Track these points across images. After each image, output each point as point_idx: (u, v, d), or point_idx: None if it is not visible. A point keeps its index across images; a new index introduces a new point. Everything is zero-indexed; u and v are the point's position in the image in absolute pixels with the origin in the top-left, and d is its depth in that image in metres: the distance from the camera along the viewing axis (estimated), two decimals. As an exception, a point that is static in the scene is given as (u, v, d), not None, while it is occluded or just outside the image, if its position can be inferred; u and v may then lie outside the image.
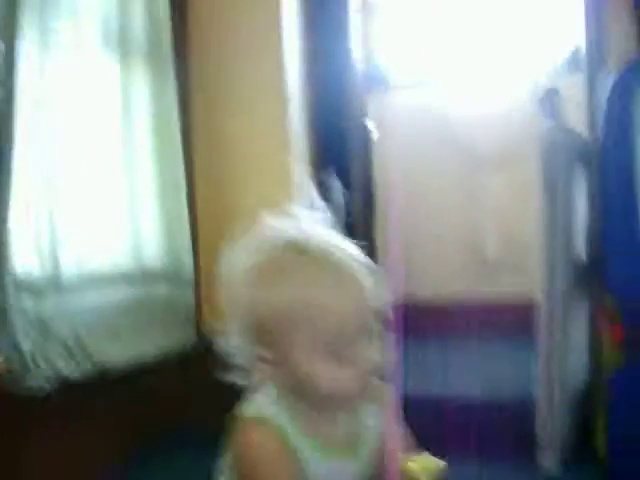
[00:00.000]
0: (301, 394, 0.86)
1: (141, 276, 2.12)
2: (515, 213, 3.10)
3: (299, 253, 0.81)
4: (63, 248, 1.83)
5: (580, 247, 2.10)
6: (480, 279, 3.23)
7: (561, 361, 1.89)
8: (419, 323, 3.17)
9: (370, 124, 2.95)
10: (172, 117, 2.26)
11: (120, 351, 2.00)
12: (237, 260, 0.85)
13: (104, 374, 1.92)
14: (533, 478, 1.88)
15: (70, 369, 1.82)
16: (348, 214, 2.52)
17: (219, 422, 2.30)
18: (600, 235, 1.83)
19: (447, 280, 3.28)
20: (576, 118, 2.11)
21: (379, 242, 3.32)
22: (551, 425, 1.75)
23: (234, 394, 0.88)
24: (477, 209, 3.26)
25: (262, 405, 0.88)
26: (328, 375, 0.83)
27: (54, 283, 1.81)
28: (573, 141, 2.04)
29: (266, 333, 0.84)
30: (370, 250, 0.90)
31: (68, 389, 1.79)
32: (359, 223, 2.60)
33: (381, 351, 0.83)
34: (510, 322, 2.77)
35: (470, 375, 2.46)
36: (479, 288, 3.20)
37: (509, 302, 2.98)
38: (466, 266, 3.27)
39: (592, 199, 2.00)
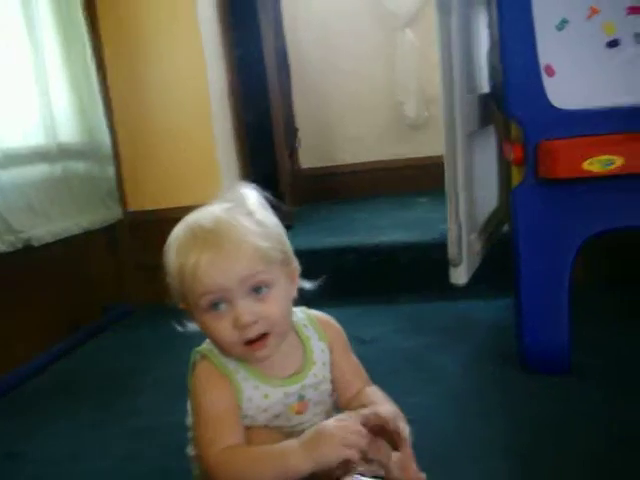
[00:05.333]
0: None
1: (57, 153, 2.11)
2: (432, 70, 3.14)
3: (194, 236, 0.93)
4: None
5: (484, 81, 2.16)
6: (401, 138, 3.29)
7: (467, 200, 1.95)
8: (345, 186, 3.26)
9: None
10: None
11: (44, 227, 2.01)
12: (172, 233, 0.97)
13: (30, 249, 1.93)
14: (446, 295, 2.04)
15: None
16: (263, 77, 2.54)
17: (147, 296, 2.33)
18: (499, 64, 1.86)
19: (370, 142, 3.33)
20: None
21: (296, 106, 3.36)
22: (458, 246, 1.82)
23: (158, 269, 0.97)
24: (395, 69, 3.29)
25: (206, 343, 1.00)
26: (209, 327, 0.94)
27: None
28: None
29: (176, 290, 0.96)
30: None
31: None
32: (274, 86, 2.61)
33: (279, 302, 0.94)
34: (427, 177, 2.86)
35: (394, 224, 2.56)
36: (400, 147, 3.27)
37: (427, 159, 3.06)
38: (388, 127, 3.32)
39: (491, 30, 2.04)
